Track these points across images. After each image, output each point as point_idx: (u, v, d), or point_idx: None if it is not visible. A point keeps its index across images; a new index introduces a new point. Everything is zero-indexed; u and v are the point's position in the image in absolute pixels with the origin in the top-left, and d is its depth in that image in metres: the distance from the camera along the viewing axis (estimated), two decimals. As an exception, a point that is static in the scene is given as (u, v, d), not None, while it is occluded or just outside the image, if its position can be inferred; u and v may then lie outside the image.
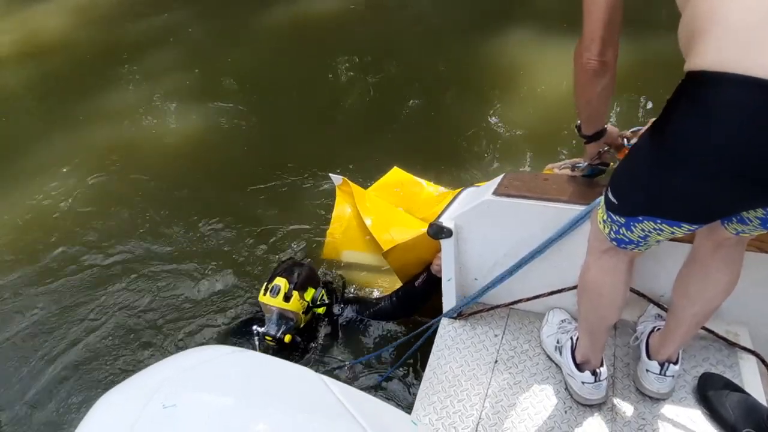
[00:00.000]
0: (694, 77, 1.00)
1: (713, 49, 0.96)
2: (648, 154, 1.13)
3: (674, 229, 1.17)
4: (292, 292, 2.07)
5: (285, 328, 2.07)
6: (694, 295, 1.45)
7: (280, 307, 2.06)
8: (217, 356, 1.01)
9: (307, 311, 2.13)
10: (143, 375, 0.97)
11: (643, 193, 1.17)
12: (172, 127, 3.86)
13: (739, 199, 1.08)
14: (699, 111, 0.99)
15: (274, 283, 2.09)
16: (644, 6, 3.96)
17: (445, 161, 3.18)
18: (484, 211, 1.74)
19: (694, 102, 1.00)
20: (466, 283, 1.92)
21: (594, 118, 1.43)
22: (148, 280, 2.72)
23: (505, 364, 1.80)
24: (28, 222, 3.15)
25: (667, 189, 1.11)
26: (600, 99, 1.33)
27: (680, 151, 1.04)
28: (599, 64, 1.24)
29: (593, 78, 1.26)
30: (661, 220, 1.16)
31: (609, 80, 1.28)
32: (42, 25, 5.24)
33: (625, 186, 1.22)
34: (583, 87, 1.31)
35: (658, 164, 1.10)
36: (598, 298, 1.45)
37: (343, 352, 2.19)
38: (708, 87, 0.97)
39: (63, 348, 2.43)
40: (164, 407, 0.85)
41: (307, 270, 2.20)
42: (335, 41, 4.59)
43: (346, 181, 2.47)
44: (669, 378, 1.60)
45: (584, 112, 1.42)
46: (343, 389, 1.02)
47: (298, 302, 2.08)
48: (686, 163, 1.04)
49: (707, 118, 0.98)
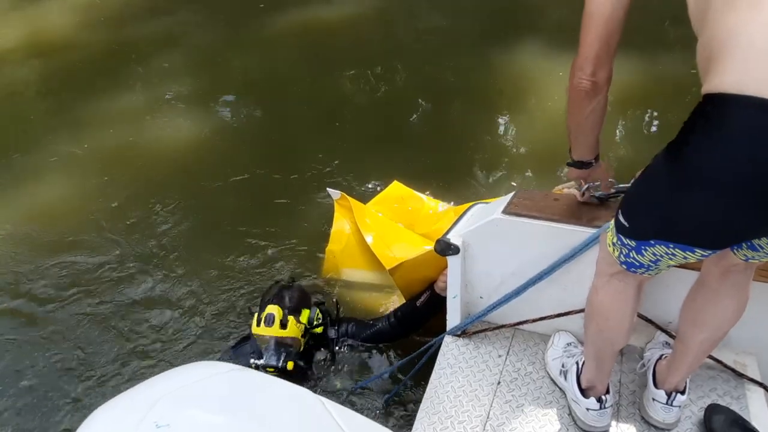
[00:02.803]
0: (713, 99, 0.97)
1: (733, 71, 0.94)
2: (663, 176, 1.10)
3: (687, 254, 1.14)
4: (287, 318, 1.98)
5: (285, 356, 1.95)
6: (702, 322, 1.42)
7: (278, 336, 1.96)
8: (214, 374, 0.98)
9: (305, 334, 2.05)
10: (137, 391, 0.94)
11: (656, 216, 1.14)
12: (176, 130, 3.84)
13: (756, 224, 1.05)
14: (717, 133, 0.97)
15: (267, 312, 1.97)
16: (655, 26, 3.94)
17: (449, 174, 3.14)
18: (493, 229, 1.71)
19: (712, 124, 0.98)
20: (472, 301, 1.89)
21: (582, 142, 1.41)
22: (145, 285, 2.69)
23: (508, 386, 1.76)
24: (30, 220, 3.13)
25: (681, 212, 1.08)
26: (589, 122, 1.32)
27: (696, 174, 1.02)
28: (591, 84, 1.23)
29: (584, 98, 1.26)
30: (674, 244, 1.13)
31: (599, 103, 1.27)
32: (49, 23, 5.25)
33: (638, 209, 1.20)
34: (573, 107, 1.31)
35: (673, 187, 1.07)
36: (605, 321, 1.42)
37: (342, 375, 2.13)
38: (726, 109, 0.95)
39: (54, 354, 2.39)
40: (157, 427, 0.82)
41: (297, 291, 2.12)
42: (344, 49, 4.57)
43: (344, 196, 2.39)
44: (676, 408, 1.56)
45: (573, 134, 1.40)
46: (341, 412, 0.99)
47: (295, 327, 1.99)
48: (702, 186, 1.01)
49: (725, 140, 0.96)
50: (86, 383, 2.27)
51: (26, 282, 2.75)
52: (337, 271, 2.50)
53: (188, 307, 2.56)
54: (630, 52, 3.76)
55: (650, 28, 3.80)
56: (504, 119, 3.65)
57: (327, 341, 2.16)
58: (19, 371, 2.35)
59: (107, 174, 3.43)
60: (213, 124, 3.86)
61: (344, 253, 2.45)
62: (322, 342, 2.16)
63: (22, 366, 2.37)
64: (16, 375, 2.34)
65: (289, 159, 3.45)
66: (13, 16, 5.43)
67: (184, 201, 3.18)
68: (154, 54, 4.70)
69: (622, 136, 3.42)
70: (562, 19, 4.53)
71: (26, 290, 2.71)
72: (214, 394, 0.93)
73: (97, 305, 2.61)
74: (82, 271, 2.79)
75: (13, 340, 2.48)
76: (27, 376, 2.32)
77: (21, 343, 2.46)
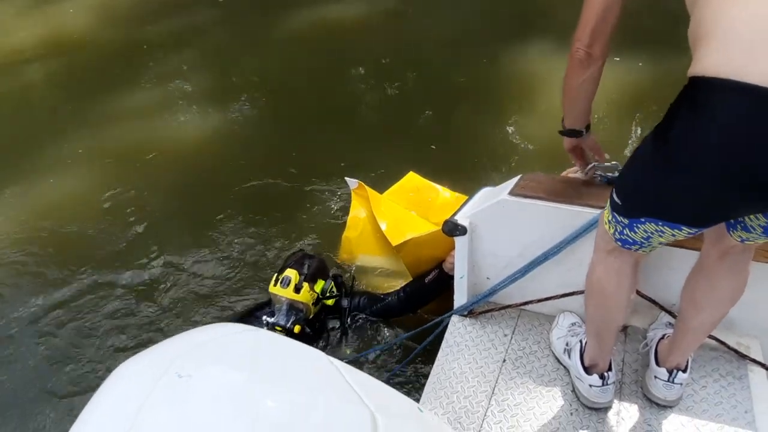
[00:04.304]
0: (696, 82, 1.02)
1: (714, 55, 0.98)
2: (649, 156, 1.16)
3: (675, 231, 1.18)
4: (302, 284, 2.09)
5: (294, 319, 2.07)
6: (701, 303, 1.46)
7: (290, 298, 2.07)
8: (231, 333, 1.04)
9: (316, 303, 2.15)
10: (160, 347, 1.00)
11: (644, 194, 1.20)
12: (192, 127, 3.90)
13: (737, 204, 1.10)
14: (698, 116, 1.01)
15: (285, 274, 2.10)
16: (672, 26, 3.92)
17: (458, 172, 3.16)
18: (500, 210, 1.75)
19: (695, 107, 1.02)
20: (478, 282, 1.93)
21: (575, 108, 1.48)
22: (165, 267, 2.77)
23: (513, 363, 1.81)
24: (43, 215, 3.19)
25: (666, 191, 1.13)
26: (582, 90, 1.39)
27: (679, 155, 1.07)
28: (586, 54, 1.31)
29: (578, 67, 1.34)
30: (662, 222, 1.18)
31: (592, 74, 1.34)
32: (66, 22, 5.31)
33: (628, 187, 1.25)
34: (568, 75, 1.39)
35: (659, 167, 1.13)
36: (603, 297, 1.47)
37: (350, 345, 2.21)
38: (708, 92, 1.00)
39: (85, 322, 2.52)
40: (180, 377, 0.88)
41: (317, 262, 2.22)
42: (356, 48, 4.61)
43: (361, 185, 2.46)
44: (677, 386, 1.60)
45: (566, 100, 1.47)
46: (351, 373, 1.04)
47: (308, 293, 2.10)
48: (685, 166, 1.07)
49: (706, 122, 1.00)
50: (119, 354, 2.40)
51: (45, 277, 2.82)
52: (352, 256, 2.56)
53: (203, 295, 2.63)
54: (639, 52, 3.78)
55: (660, 29, 3.79)
56: (514, 118, 3.66)
57: (339, 313, 2.24)
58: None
59: (122, 170, 3.49)
60: (228, 121, 3.91)
61: (360, 240, 2.51)
62: (335, 314, 2.24)
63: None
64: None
65: (302, 154, 3.50)
66: (31, 15, 5.51)
67: (200, 195, 3.24)
68: (169, 53, 4.75)
69: (631, 135, 3.43)
70: (572, 20, 4.54)
71: (49, 285, 2.78)
72: (231, 351, 0.98)
73: (112, 282, 2.72)
74: (101, 257, 2.87)
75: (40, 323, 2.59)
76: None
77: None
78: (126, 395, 0.89)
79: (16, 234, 3.07)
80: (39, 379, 2.35)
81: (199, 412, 0.85)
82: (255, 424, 0.85)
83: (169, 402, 0.86)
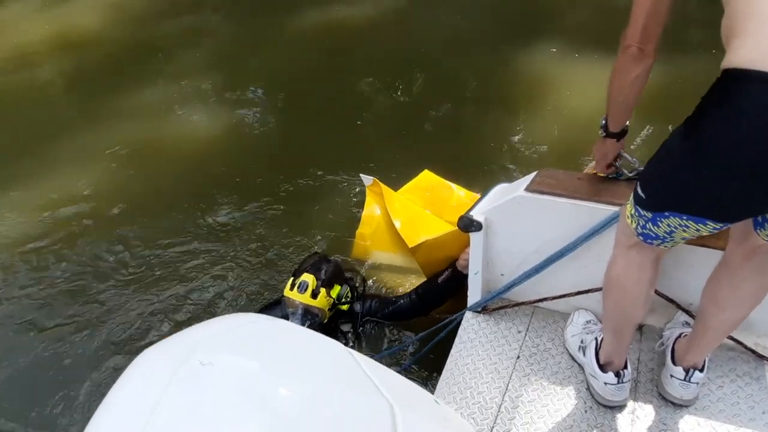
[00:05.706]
0: (728, 74, 1.01)
1: (747, 47, 0.98)
2: (678, 149, 1.15)
3: (699, 226, 1.17)
4: (319, 289, 2.07)
5: (309, 324, 2.05)
6: (723, 302, 1.44)
7: (307, 304, 2.06)
8: (254, 322, 1.05)
9: (332, 308, 2.14)
10: (182, 335, 1.01)
11: (669, 188, 1.18)
12: (202, 125, 3.92)
13: (763, 198, 1.09)
14: (729, 108, 1.01)
15: (302, 279, 2.08)
16: (682, 27, 3.89)
17: (469, 172, 3.15)
18: (516, 206, 1.75)
19: (726, 99, 1.01)
20: (493, 278, 1.93)
21: (623, 109, 1.44)
22: (178, 264, 2.80)
23: (527, 360, 1.80)
24: (59, 209, 3.22)
25: (693, 185, 1.12)
26: (633, 87, 1.36)
27: (708, 147, 1.06)
28: (638, 50, 1.28)
29: (631, 62, 1.30)
30: (687, 216, 1.17)
31: (644, 70, 1.31)
32: (77, 20, 5.38)
33: (654, 181, 1.24)
34: (618, 72, 1.34)
35: (686, 160, 1.12)
36: (623, 293, 1.46)
37: (363, 348, 2.21)
38: (740, 84, 0.99)
39: (107, 319, 2.56)
40: (201, 364, 0.89)
41: (333, 266, 2.20)
42: (365, 48, 4.63)
43: (376, 182, 2.47)
44: (693, 385, 1.59)
45: (615, 101, 1.42)
46: (370, 364, 1.04)
47: (324, 299, 2.08)
48: (713, 159, 1.05)
49: (736, 115, 1.00)
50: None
51: (53, 271, 2.87)
52: (366, 253, 2.57)
53: (218, 293, 2.64)
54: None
55: (670, 29, 3.75)
56: (524, 118, 3.66)
57: (352, 317, 2.23)
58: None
59: (132, 168, 3.52)
60: (238, 119, 3.93)
61: (374, 236, 2.52)
62: (347, 318, 2.23)
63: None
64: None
65: (313, 152, 3.52)
66: (42, 14, 5.58)
67: (212, 193, 3.26)
68: (178, 52, 4.79)
69: (646, 139, 3.40)
70: (581, 22, 4.55)
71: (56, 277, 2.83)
72: (252, 340, 0.99)
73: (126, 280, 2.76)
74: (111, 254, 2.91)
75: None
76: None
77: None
78: (149, 380, 0.90)
79: (30, 229, 3.11)
80: (62, 367, 2.39)
81: (219, 398, 0.86)
82: (274, 413, 0.86)
83: (191, 387, 0.86)
